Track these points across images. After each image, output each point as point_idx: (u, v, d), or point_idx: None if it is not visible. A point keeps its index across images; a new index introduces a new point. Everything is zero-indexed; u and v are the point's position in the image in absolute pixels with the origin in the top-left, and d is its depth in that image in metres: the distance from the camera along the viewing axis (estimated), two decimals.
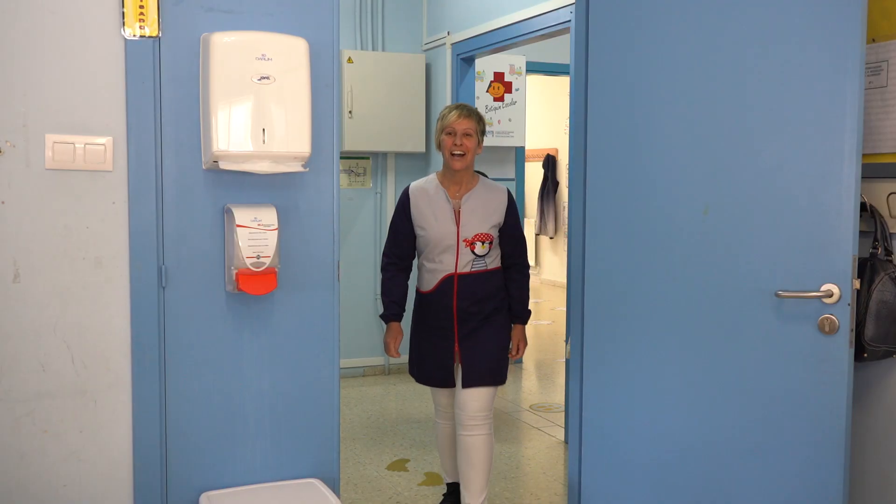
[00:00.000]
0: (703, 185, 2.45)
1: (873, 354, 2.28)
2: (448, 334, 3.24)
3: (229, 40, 2.18)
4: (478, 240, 3.18)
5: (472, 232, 3.18)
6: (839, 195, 2.17)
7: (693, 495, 2.53)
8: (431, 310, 3.27)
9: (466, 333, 3.23)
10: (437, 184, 3.25)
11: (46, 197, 2.16)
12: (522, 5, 4.75)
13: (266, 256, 2.24)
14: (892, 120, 2.35)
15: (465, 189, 3.24)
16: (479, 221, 3.19)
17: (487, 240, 3.20)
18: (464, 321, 3.22)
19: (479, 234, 3.18)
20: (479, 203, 3.21)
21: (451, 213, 3.20)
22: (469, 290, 3.20)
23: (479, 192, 3.24)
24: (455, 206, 3.21)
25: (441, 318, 3.24)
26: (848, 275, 2.16)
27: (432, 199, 3.22)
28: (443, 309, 3.23)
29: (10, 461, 2.16)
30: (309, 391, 2.45)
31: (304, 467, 2.46)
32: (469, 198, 3.22)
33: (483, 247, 3.19)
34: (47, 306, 2.17)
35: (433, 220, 3.21)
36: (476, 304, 3.22)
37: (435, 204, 3.22)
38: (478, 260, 3.20)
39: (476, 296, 3.21)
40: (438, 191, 3.23)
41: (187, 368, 2.31)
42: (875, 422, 2.40)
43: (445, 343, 3.25)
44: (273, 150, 2.20)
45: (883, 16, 2.36)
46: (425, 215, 3.22)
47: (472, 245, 3.18)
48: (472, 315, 3.22)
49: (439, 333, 3.26)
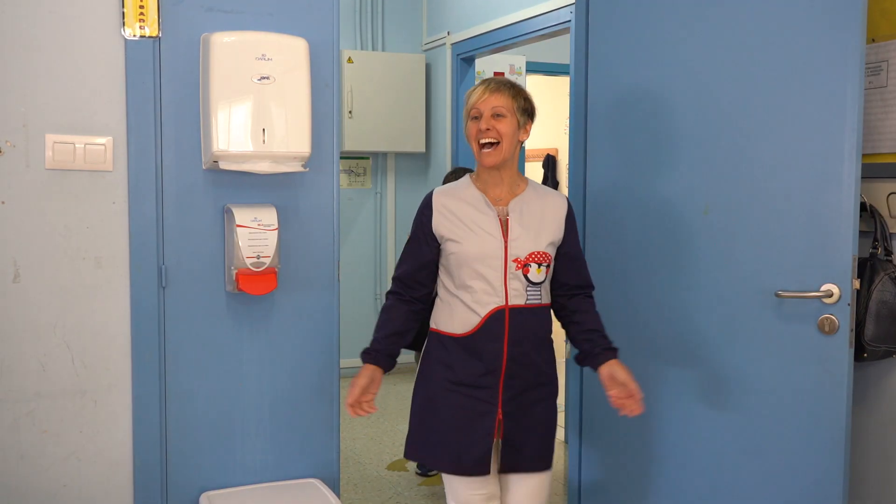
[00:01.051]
0: (703, 185, 2.45)
1: (873, 354, 2.27)
2: (488, 395, 2.23)
3: (229, 40, 2.18)
4: (533, 261, 2.24)
5: (526, 249, 2.23)
6: (839, 195, 2.17)
7: (693, 495, 2.53)
8: (465, 360, 2.24)
9: (514, 395, 2.25)
10: (473, 188, 2.30)
11: (46, 197, 2.16)
12: (522, 5, 4.75)
13: (266, 256, 2.24)
14: (892, 120, 2.35)
15: (509, 192, 2.29)
16: (534, 236, 2.26)
17: (545, 261, 2.26)
18: (513, 376, 2.24)
19: (535, 254, 2.24)
20: (531, 211, 2.28)
21: (496, 221, 2.25)
22: (525, 330, 2.24)
23: (530, 197, 2.31)
24: (501, 214, 2.27)
25: (479, 372, 2.24)
26: (848, 275, 2.16)
27: (468, 203, 2.28)
28: (485, 358, 2.23)
29: (9, 461, 2.16)
30: (309, 391, 2.45)
31: (304, 467, 2.46)
32: (518, 204, 2.28)
33: (539, 271, 2.25)
34: (47, 306, 2.17)
35: (470, 229, 2.25)
36: (534, 350, 2.26)
37: (472, 209, 2.27)
38: (533, 289, 2.25)
39: (534, 339, 2.27)
40: (474, 195, 2.29)
41: (187, 368, 2.31)
42: (875, 422, 2.40)
43: (483, 408, 2.24)
44: (273, 150, 2.20)
45: (883, 16, 2.36)
46: (458, 224, 2.26)
47: (526, 267, 2.24)
48: (525, 367, 2.25)
49: (474, 394, 2.24)
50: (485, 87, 2.29)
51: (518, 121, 2.27)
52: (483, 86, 2.29)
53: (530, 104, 2.33)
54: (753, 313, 2.34)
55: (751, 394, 2.37)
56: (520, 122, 2.28)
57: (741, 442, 2.40)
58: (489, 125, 2.23)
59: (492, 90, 2.26)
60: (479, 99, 2.26)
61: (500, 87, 2.28)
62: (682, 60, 2.50)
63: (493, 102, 2.25)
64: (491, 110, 2.24)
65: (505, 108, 2.25)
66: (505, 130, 2.24)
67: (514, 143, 2.27)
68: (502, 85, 2.29)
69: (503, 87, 2.28)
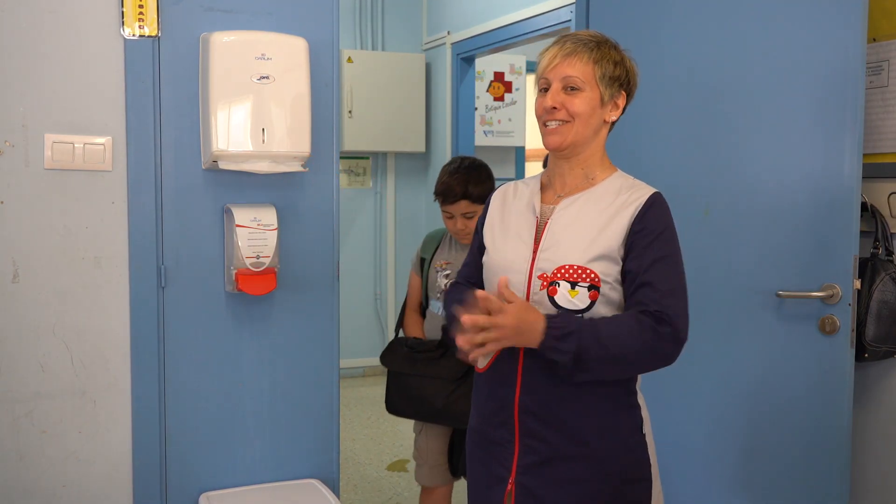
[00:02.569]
0: (703, 185, 2.45)
1: (874, 355, 2.27)
2: (504, 455, 1.73)
3: (229, 40, 2.18)
4: (564, 278, 1.63)
5: (555, 263, 1.65)
6: (840, 195, 2.16)
7: (693, 495, 2.53)
8: (483, 403, 1.79)
9: (534, 463, 1.69)
10: (538, 181, 1.84)
11: (46, 197, 2.15)
12: (522, 5, 4.75)
13: (266, 256, 2.23)
14: (892, 120, 2.34)
15: (571, 188, 1.75)
16: (576, 244, 1.67)
17: (585, 281, 1.63)
18: (532, 435, 1.68)
19: (568, 269, 1.63)
20: (592, 212, 1.70)
21: (532, 225, 1.74)
22: (548, 376, 1.65)
23: (598, 194, 1.72)
24: (541, 217, 1.75)
25: (495, 421, 1.74)
26: (849, 275, 2.16)
27: (518, 202, 1.82)
28: (498, 405, 1.73)
29: (8, 462, 2.16)
30: (309, 391, 2.45)
31: (303, 468, 2.45)
32: (573, 203, 1.73)
33: (574, 293, 1.62)
34: (46, 306, 2.17)
35: (502, 234, 1.79)
36: (562, 404, 1.66)
37: (512, 209, 1.81)
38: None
39: (564, 389, 1.64)
40: (530, 191, 1.82)
41: (187, 368, 2.31)
42: (875, 422, 2.40)
43: (498, 473, 1.74)
44: (273, 149, 2.20)
45: (883, 16, 2.36)
46: (496, 226, 1.82)
47: (552, 287, 1.64)
48: (549, 426, 1.67)
49: (492, 451, 1.76)
50: (558, 47, 1.69)
51: (602, 94, 1.69)
52: (556, 46, 1.70)
53: (623, 69, 1.71)
54: (754, 313, 2.34)
55: (751, 394, 2.37)
56: (604, 97, 1.69)
57: (742, 442, 2.40)
58: (557, 101, 1.67)
59: (566, 53, 1.68)
60: (549, 65, 1.69)
61: (578, 48, 1.68)
62: (682, 60, 2.50)
63: (565, 70, 1.67)
64: (562, 81, 1.68)
65: (581, 79, 1.67)
66: (579, 108, 1.67)
67: (595, 125, 1.70)
68: (581, 45, 1.68)
69: (581, 49, 1.68)
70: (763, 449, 2.35)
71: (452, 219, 2.72)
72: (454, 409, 2.57)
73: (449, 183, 2.69)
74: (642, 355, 1.60)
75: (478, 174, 2.72)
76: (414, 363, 2.65)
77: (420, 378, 2.63)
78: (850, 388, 2.18)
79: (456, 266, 2.70)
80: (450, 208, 2.71)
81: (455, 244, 2.79)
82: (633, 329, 1.58)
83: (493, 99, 6.28)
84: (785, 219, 2.27)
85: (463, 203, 2.68)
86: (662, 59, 2.56)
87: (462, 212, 2.68)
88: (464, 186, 2.66)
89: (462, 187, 2.66)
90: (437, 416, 2.63)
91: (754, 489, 2.37)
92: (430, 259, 2.80)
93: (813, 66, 2.21)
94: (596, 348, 1.56)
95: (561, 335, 1.56)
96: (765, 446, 2.34)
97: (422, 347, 2.66)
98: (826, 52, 2.18)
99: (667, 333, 1.59)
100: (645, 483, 1.70)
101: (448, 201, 2.70)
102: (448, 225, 2.75)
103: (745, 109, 2.35)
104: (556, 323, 1.57)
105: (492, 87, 6.26)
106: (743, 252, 2.36)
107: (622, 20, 2.70)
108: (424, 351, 2.65)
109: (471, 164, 2.74)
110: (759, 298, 2.32)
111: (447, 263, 2.76)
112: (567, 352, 1.55)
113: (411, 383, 2.65)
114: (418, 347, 2.66)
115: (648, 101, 2.61)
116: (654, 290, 1.60)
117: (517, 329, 1.55)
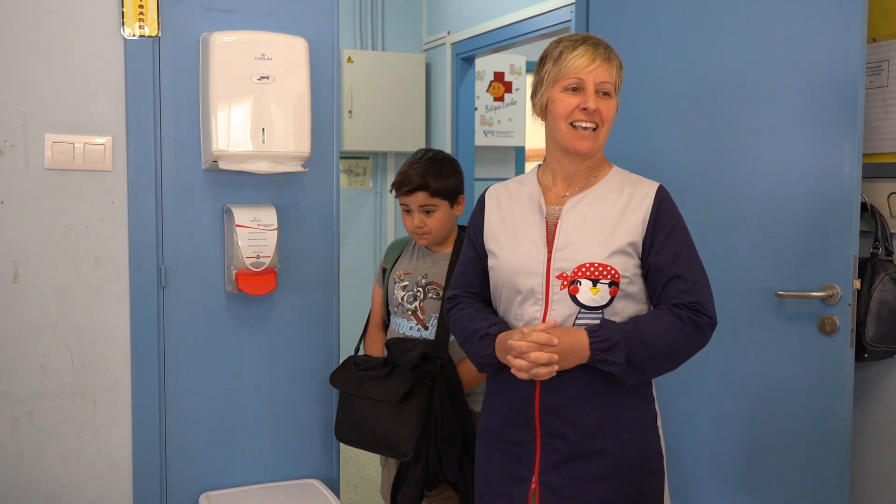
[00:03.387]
0: (703, 185, 2.45)
1: (874, 355, 2.27)
2: (525, 456, 1.74)
3: (229, 40, 2.18)
4: (585, 276, 1.65)
5: (575, 261, 1.67)
6: (840, 195, 2.16)
7: (693, 493, 2.53)
8: (499, 405, 1.79)
9: (557, 461, 1.70)
10: (535, 181, 1.83)
11: (46, 197, 2.15)
12: (522, 5, 4.75)
13: (266, 256, 2.23)
14: (892, 120, 2.34)
15: (578, 187, 1.77)
16: (596, 243, 1.69)
17: (606, 278, 1.65)
18: (555, 435, 1.70)
19: (589, 267, 1.66)
20: (599, 210, 1.73)
21: (541, 226, 1.74)
22: (568, 375, 1.65)
23: (605, 190, 1.75)
24: (550, 217, 1.76)
25: (513, 423, 1.76)
26: (848, 275, 2.15)
27: (516, 203, 1.82)
28: (516, 406, 1.74)
29: (8, 462, 2.16)
30: (309, 391, 2.45)
31: (303, 468, 2.45)
32: (580, 201, 1.75)
33: (596, 291, 1.65)
34: (47, 306, 2.17)
35: (508, 237, 1.78)
36: (584, 404, 1.68)
37: (516, 211, 1.81)
38: (588, 317, 1.67)
39: (585, 388, 1.67)
40: (531, 191, 1.82)
41: (187, 368, 2.31)
42: (875, 422, 2.40)
43: (520, 473, 1.75)
44: (273, 149, 2.20)
45: (883, 16, 2.36)
46: (498, 229, 1.81)
47: (574, 286, 1.66)
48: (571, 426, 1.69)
49: (512, 451, 1.76)
50: (594, 50, 1.69)
51: (617, 102, 1.76)
52: (590, 48, 1.69)
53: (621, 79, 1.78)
54: (753, 313, 2.34)
55: (751, 394, 2.37)
56: (618, 102, 1.76)
57: (742, 442, 2.40)
58: (594, 106, 1.68)
59: (603, 58, 1.69)
60: (587, 67, 1.67)
61: (611, 54, 1.71)
62: (682, 60, 2.50)
63: (602, 75, 1.68)
64: (598, 85, 1.69)
65: (613, 85, 1.72)
66: (610, 115, 1.72)
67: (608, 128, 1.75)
68: (612, 52, 1.72)
69: (613, 56, 1.72)
70: (763, 448, 2.35)
71: (410, 214, 2.36)
72: (394, 435, 2.22)
73: (407, 172, 2.36)
74: (688, 347, 1.68)
75: (440, 167, 2.36)
76: (361, 383, 2.33)
77: (364, 400, 2.31)
78: (850, 388, 2.18)
79: (414, 277, 2.38)
80: (406, 200, 2.35)
81: (418, 252, 2.44)
82: (674, 324, 1.65)
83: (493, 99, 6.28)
84: (785, 219, 2.27)
85: (420, 195, 2.32)
86: (662, 59, 2.56)
87: (419, 204, 2.33)
88: (422, 177, 2.32)
89: (421, 177, 2.32)
90: (377, 442, 2.27)
91: (754, 488, 2.37)
92: (391, 269, 2.47)
93: (813, 65, 2.21)
94: (644, 350, 1.62)
95: (607, 347, 1.61)
96: (765, 446, 2.34)
97: (366, 366, 2.34)
98: (826, 52, 2.18)
99: (705, 322, 1.68)
100: (660, 476, 1.74)
101: (403, 191, 2.35)
102: (406, 223, 2.39)
103: (745, 109, 2.35)
104: (600, 335, 1.62)
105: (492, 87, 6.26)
106: (743, 252, 2.36)
107: (622, 20, 2.69)
108: (368, 369, 2.32)
109: (434, 156, 2.40)
110: (759, 298, 2.32)
111: (406, 274, 2.41)
112: (619, 362, 1.61)
113: (356, 405, 2.33)
114: (363, 365, 2.34)
115: (648, 101, 2.61)
116: (685, 282, 1.67)
117: (562, 353, 1.61)
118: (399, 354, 2.25)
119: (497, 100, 6.32)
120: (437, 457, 2.18)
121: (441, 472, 2.20)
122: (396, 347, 2.27)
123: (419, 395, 2.21)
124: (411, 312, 2.36)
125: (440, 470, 2.19)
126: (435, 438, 2.18)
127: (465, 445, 2.20)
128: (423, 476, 2.20)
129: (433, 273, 2.37)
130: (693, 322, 1.66)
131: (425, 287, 2.36)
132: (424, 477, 2.20)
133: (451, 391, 2.21)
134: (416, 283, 2.37)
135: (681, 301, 1.66)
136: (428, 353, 2.22)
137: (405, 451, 2.19)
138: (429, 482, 2.22)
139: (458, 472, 2.20)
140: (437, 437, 2.18)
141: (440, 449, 2.18)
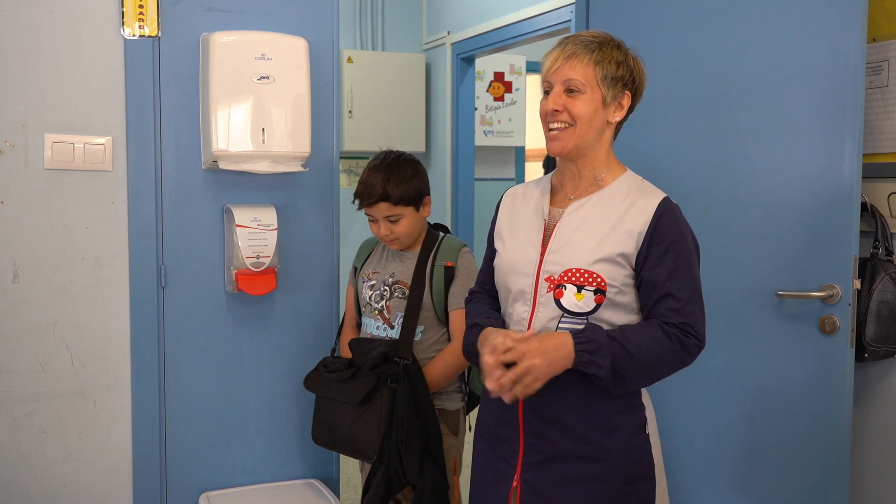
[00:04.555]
0: (703, 185, 2.45)
1: (874, 355, 2.27)
2: (509, 452, 1.74)
3: (229, 40, 2.18)
4: (570, 281, 1.64)
5: (563, 265, 1.66)
6: (840, 195, 2.16)
7: (693, 494, 2.53)
8: (489, 401, 1.77)
9: (539, 461, 1.70)
10: (548, 183, 1.84)
11: (46, 197, 2.16)
12: (522, 5, 4.75)
13: (266, 256, 2.23)
14: (892, 120, 2.34)
15: (581, 191, 1.76)
16: (582, 248, 1.67)
17: (591, 285, 1.64)
18: (537, 434, 1.70)
19: (575, 273, 1.64)
20: (599, 215, 1.70)
21: (538, 229, 1.75)
22: (553, 387, 1.63)
23: (607, 196, 1.73)
24: (551, 219, 1.76)
25: (499, 419, 1.76)
26: (848, 275, 2.15)
27: (526, 204, 1.83)
28: (500, 404, 1.70)
29: (8, 462, 2.16)
30: (309, 391, 2.44)
31: (303, 468, 2.46)
32: (583, 205, 1.73)
33: (580, 297, 1.63)
34: (47, 306, 2.17)
35: (511, 237, 1.80)
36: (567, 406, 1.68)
37: (523, 212, 1.81)
38: (571, 322, 1.66)
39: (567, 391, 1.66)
40: (541, 193, 1.82)
41: (187, 368, 2.31)
42: (875, 422, 2.40)
43: (503, 469, 1.75)
44: (273, 149, 2.20)
45: (883, 16, 2.36)
46: (505, 229, 1.84)
47: (559, 290, 1.65)
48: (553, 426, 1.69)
49: (497, 448, 1.77)
50: (560, 49, 1.69)
51: (604, 95, 1.69)
52: (559, 49, 1.70)
53: (627, 69, 1.72)
54: (753, 313, 2.34)
55: (751, 394, 2.37)
56: (606, 98, 1.69)
57: (742, 442, 2.40)
58: (559, 104, 1.67)
59: (567, 55, 1.67)
60: (551, 68, 1.69)
61: (579, 49, 1.67)
62: (682, 60, 2.50)
63: (566, 73, 1.67)
64: (563, 83, 1.68)
65: (582, 81, 1.67)
66: (580, 111, 1.67)
67: (598, 127, 1.70)
68: (582, 47, 1.68)
69: (582, 51, 1.67)
70: (763, 449, 2.35)
71: (376, 223, 2.31)
72: (358, 437, 2.18)
73: (368, 181, 2.29)
74: (671, 364, 1.66)
75: (400, 172, 2.28)
76: (330, 385, 2.27)
77: (332, 402, 2.27)
78: (850, 388, 2.18)
79: (382, 276, 2.34)
80: (370, 211, 2.30)
81: (386, 252, 2.39)
82: (660, 339, 1.62)
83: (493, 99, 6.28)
84: (785, 218, 2.27)
85: (383, 206, 2.25)
86: (662, 59, 2.56)
87: (384, 215, 2.27)
88: (382, 186, 2.25)
89: (381, 187, 2.25)
90: (345, 444, 2.23)
91: (754, 489, 2.37)
92: (360, 268, 2.44)
93: (813, 65, 2.21)
94: (627, 359, 1.60)
95: (592, 349, 1.59)
96: (765, 446, 2.34)
97: (333, 367, 2.29)
98: (826, 52, 2.18)
99: (692, 344, 1.65)
100: (648, 483, 1.71)
101: (365, 203, 2.29)
102: (373, 230, 2.34)
103: (745, 109, 2.35)
104: (584, 337, 1.60)
105: (492, 87, 6.26)
106: (743, 252, 2.36)
107: (622, 20, 2.69)
108: (335, 371, 2.27)
109: (394, 161, 2.33)
110: (759, 298, 2.32)
111: (374, 273, 2.37)
112: (603, 365, 1.59)
113: (325, 407, 2.29)
114: (330, 367, 2.29)
115: (647, 102, 2.60)
116: (676, 301, 1.64)
117: (542, 352, 1.58)
118: (360, 355, 2.22)
119: (497, 100, 6.32)
120: (399, 458, 2.15)
121: (403, 475, 2.16)
122: (357, 348, 2.24)
123: (382, 397, 2.16)
124: (378, 312, 2.32)
125: (402, 472, 2.16)
126: (395, 440, 2.15)
127: (427, 447, 2.17)
128: (385, 478, 2.16)
129: (400, 272, 2.32)
130: (680, 341, 1.63)
131: (392, 286, 2.32)
132: (387, 479, 2.16)
133: (415, 392, 2.17)
134: (383, 282, 2.33)
135: (670, 320, 1.63)
136: (389, 354, 2.18)
137: (369, 454, 2.15)
138: (392, 485, 2.18)
139: (419, 474, 2.16)
140: (398, 438, 2.14)
141: (400, 450, 2.14)
